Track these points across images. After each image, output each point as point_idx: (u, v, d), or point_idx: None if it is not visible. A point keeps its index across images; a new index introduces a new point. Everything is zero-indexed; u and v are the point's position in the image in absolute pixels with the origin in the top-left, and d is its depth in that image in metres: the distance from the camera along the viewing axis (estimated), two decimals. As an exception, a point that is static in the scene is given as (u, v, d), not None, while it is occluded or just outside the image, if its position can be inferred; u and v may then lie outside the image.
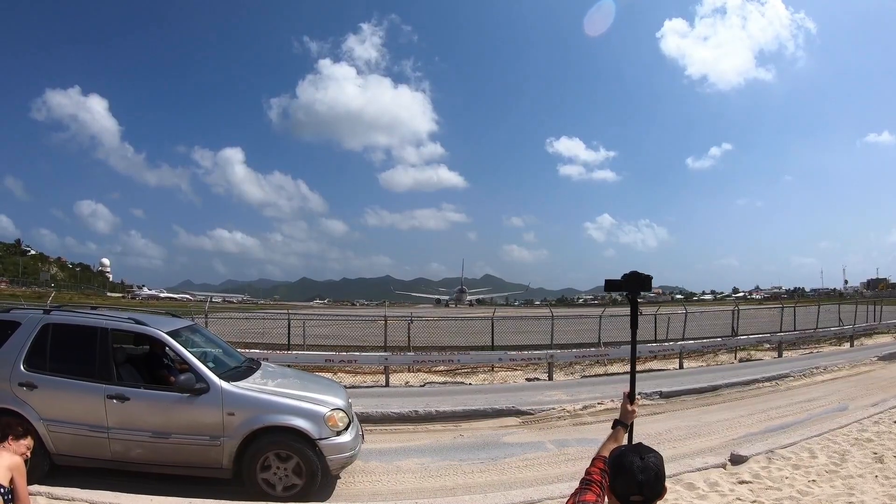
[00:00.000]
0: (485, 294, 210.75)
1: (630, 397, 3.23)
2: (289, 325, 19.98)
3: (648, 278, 3.50)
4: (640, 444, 2.38)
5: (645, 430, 9.92)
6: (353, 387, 14.61)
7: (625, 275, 3.49)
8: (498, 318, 22.35)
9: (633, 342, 3.67)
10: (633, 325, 3.59)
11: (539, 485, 6.95)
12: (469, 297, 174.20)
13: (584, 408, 11.89)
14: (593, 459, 2.73)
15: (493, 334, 21.15)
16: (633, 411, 3.17)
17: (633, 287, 3.49)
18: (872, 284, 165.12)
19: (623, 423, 3.12)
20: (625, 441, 3.04)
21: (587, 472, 2.62)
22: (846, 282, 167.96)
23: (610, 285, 3.61)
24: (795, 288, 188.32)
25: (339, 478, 7.51)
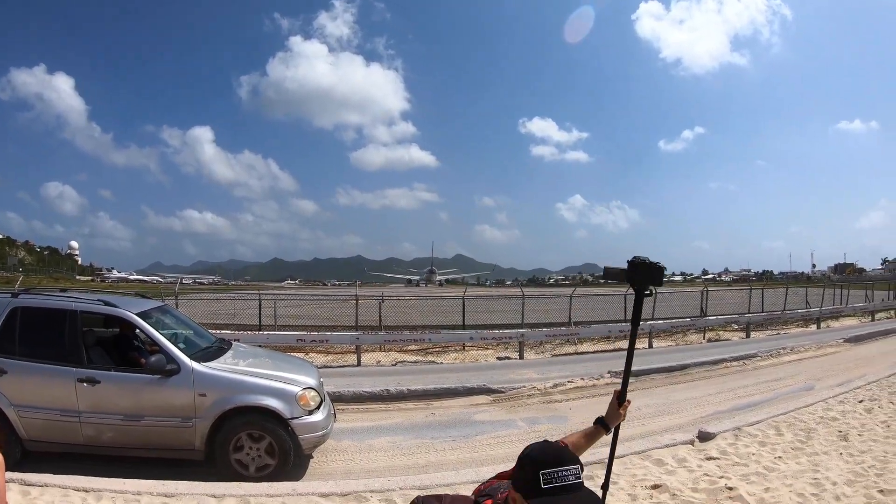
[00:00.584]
0: (455, 274, 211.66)
1: (620, 398, 2.82)
2: (260, 305, 20.10)
3: (660, 270, 2.78)
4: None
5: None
6: (325, 366, 14.74)
7: (630, 262, 2.77)
8: (469, 298, 22.64)
9: (632, 341, 2.99)
10: (635, 323, 2.95)
11: (510, 461, 7.14)
12: (439, 277, 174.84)
13: (555, 386, 12.18)
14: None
15: (464, 313, 21.40)
16: (622, 414, 2.82)
17: (639, 279, 2.76)
18: (840, 269, 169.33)
19: (605, 425, 2.80)
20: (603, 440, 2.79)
21: None
22: (814, 266, 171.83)
23: (610, 273, 2.99)
24: (764, 271, 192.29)
25: (312, 457, 7.61)
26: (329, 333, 17.62)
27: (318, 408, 7.31)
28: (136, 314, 7.40)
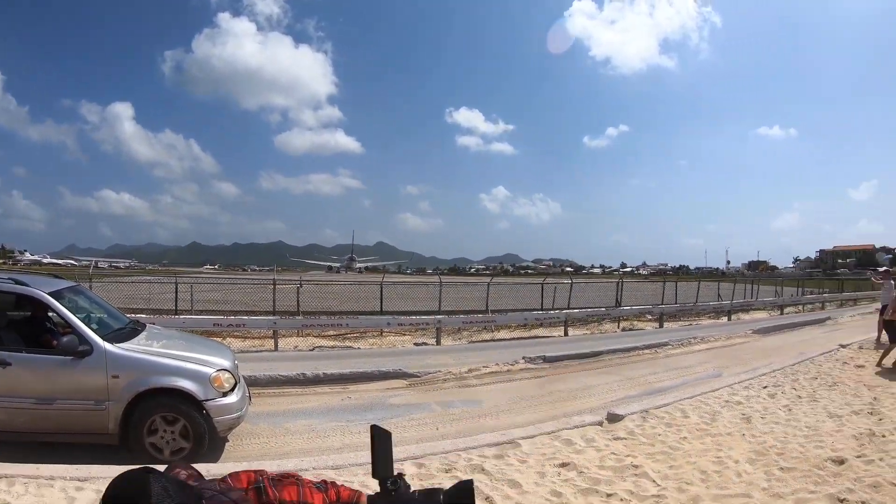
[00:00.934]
0: (376, 262, 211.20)
1: None
2: (176, 288, 19.84)
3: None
4: None
5: (527, 393, 10.49)
6: (243, 351, 14.61)
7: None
8: (387, 284, 22.86)
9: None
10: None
11: (424, 442, 7.23)
12: (359, 265, 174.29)
13: (470, 371, 12.32)
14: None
15: (381, 299, 21.54)
16: None
17: None
18: (753, 266, 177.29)
19: None
20: None
21: None
22: (728, 262, 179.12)
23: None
24: (681, 266, 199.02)
25: (228, 441, 7.55)
26: (246, 318, 17.56)
27: (233, 390, 7.22)
28: (48, 293, 7.12)
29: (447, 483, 5.28)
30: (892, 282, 17.86)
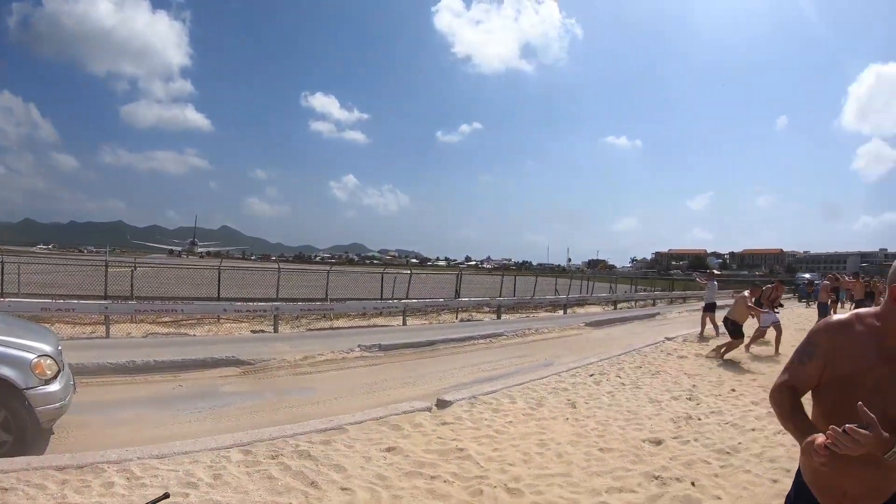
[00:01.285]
0: (219, 247, 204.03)
1: None
2: (2, 269, 18.14)
3: None
4: None
5: (361, 381, 10.44)
6: (72, 338, 13.84)
7: None
8: (226, 269, 22.10)
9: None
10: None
11: (251, 430, 7.02)
12: (200, 249, 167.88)
13: (305, 358, 12.18)
14: None
15: (219, 284, 20.83)
16: None
17: None
18: (593, 264, 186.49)
19: None
20: None
21: None
22: (570, 259, 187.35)
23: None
24: (524, 261, 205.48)
25: (53, 433, 6.93)
26: (76, 302, 16.23)
27: (56, 377, 6.58)
28: None
29: (275, 471, 5.18)
30: (715, 283, 19.35)
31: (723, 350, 13.06)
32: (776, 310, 16.23)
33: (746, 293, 13.86)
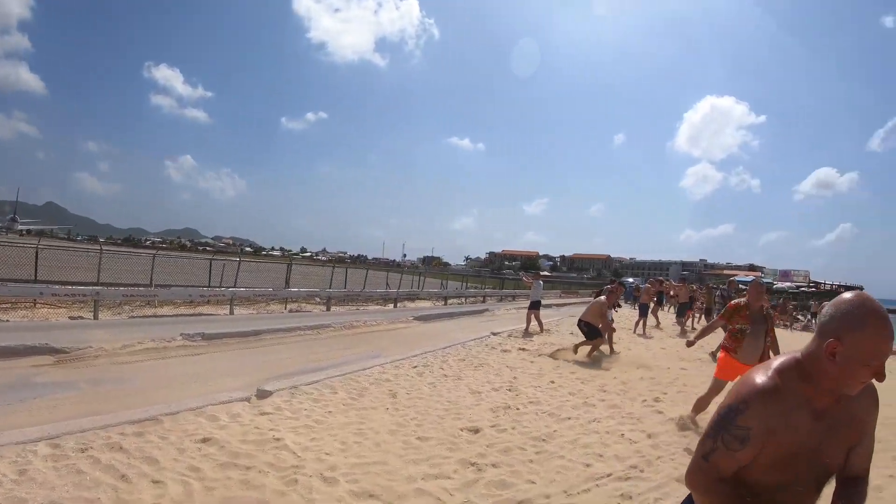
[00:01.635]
0: (43, 225, 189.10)
1: None
2: None
3: None
4: None
5: (183, 370, 9.98)
6: None
7: None
8: (46, 249, 20.55)
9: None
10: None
11: (61, 422, 6.55)
12: (21, 227, 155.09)
13: (124, 346, 11.48)
14: None
15: (36, 265, 19.27)
16: None
17: None
18: (428, 261, 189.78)
19: None
20: None
21: None
22: (405, 255, 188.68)
23: None
24: (360, 255, 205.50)
25: None
26: None
27: None
28: None
29: (84, 464, 4.84)
30: (541, 283, 20.14)
31: (589, 351, 13.51)
32: (614, 310, 17.19)
33: (603, 298, 14.43)
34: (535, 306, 19.25)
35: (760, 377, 2.05)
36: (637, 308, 24.18)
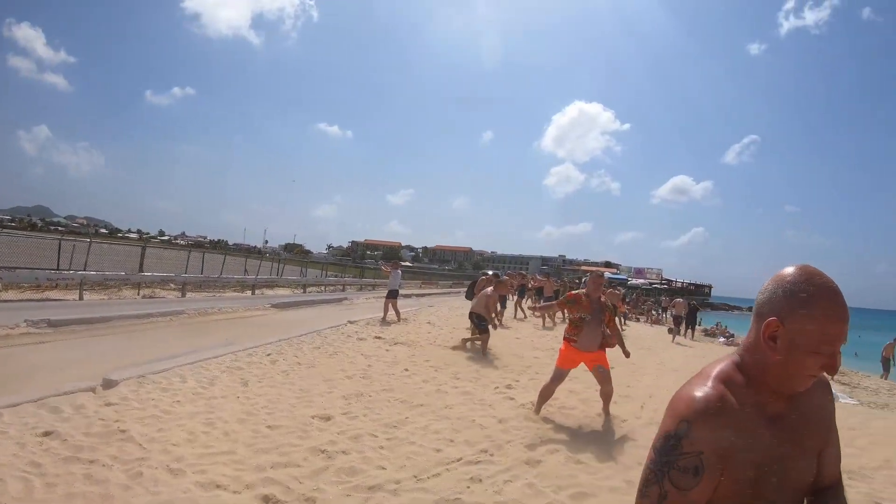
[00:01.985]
0: None
1: None
2: None
3: None
4: None
5: (26, 360, 9.40)
6: None
7: None
8: None
9: None
10: None
11: None
12: None
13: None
14: None
15: None
16: None
17: None
18: (290, 248, 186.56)
19: None
20: None
21: None
22: (266, 241, 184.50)
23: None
24: (220, 239, 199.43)
25: None
26: None
27: None
28: None
29: None
30: (399, 272, 20.31)
31: (479, 345, 13.49)
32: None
33: (490, 290, 14.31)
34: (392, 295, 19.41)
35: (698, 389, 1.61)
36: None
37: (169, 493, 4.44)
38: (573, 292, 8.22)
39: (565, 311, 8.10)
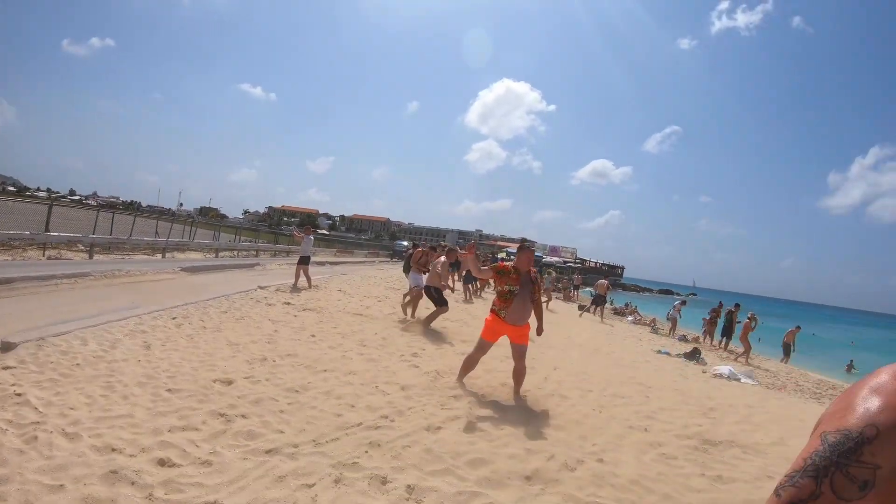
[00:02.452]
0: None
1: None
2: None
3: None
4: None
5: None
6: None
7: None
8: None
9: None
10: None
11: None
12: None
13: None
14: None
15: None
16: None
17: None
18: (205, 211, 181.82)
19: None
20: None
21: None
22: (181, 204, 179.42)
23: None
24: (133, 201, 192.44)
25: None
26: None
27: None
28: None
29: None
30: (311, 238, 20.17)
31: (427, 318, 13.43)
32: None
33: (443, 259, 14.04)
34: (304, 261, 19.29)
35: None
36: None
37: (63, 458, 4.36)
38: (503, 263, 8.16)
39: (491, 281, 8.05)
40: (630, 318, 35.24)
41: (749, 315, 23.60)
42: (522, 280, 7.74)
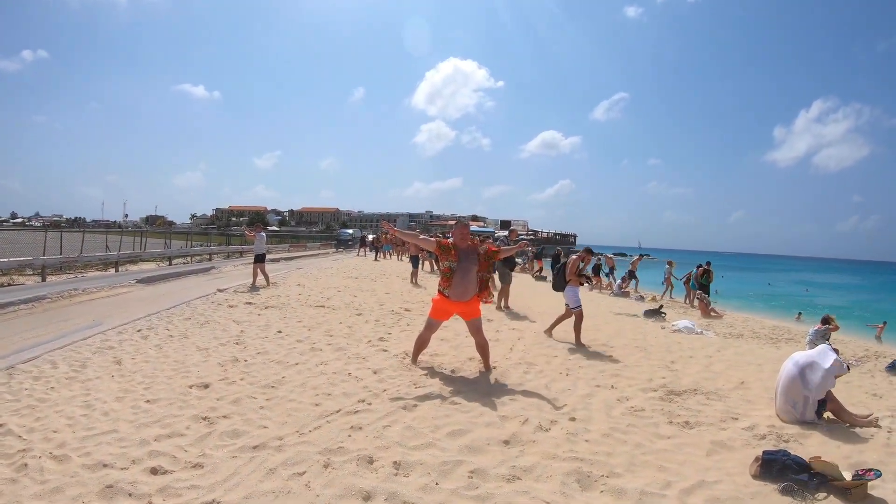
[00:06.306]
0: None
1: None
2: None
3: None
4: None
5: None
6: None
7: None
8: None
9: None
10: None
11: None
12: None
13: None
14: None
15: None
16: None
17: None
18: (151, 220, 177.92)
19: None
20: None
21: None
22: (126, 216, 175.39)
23: None
24: (77, 217, 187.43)
25: None
26: None
27: None
28: None
29: None
30: (263, 234, 20.02)
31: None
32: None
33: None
34: (259, 259, 19.17)
35: None
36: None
37: (57, 480, 4.33)
38: (444, 240, 8.14)
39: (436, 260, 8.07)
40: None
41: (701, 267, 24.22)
42: (461, 255, 7.73)
